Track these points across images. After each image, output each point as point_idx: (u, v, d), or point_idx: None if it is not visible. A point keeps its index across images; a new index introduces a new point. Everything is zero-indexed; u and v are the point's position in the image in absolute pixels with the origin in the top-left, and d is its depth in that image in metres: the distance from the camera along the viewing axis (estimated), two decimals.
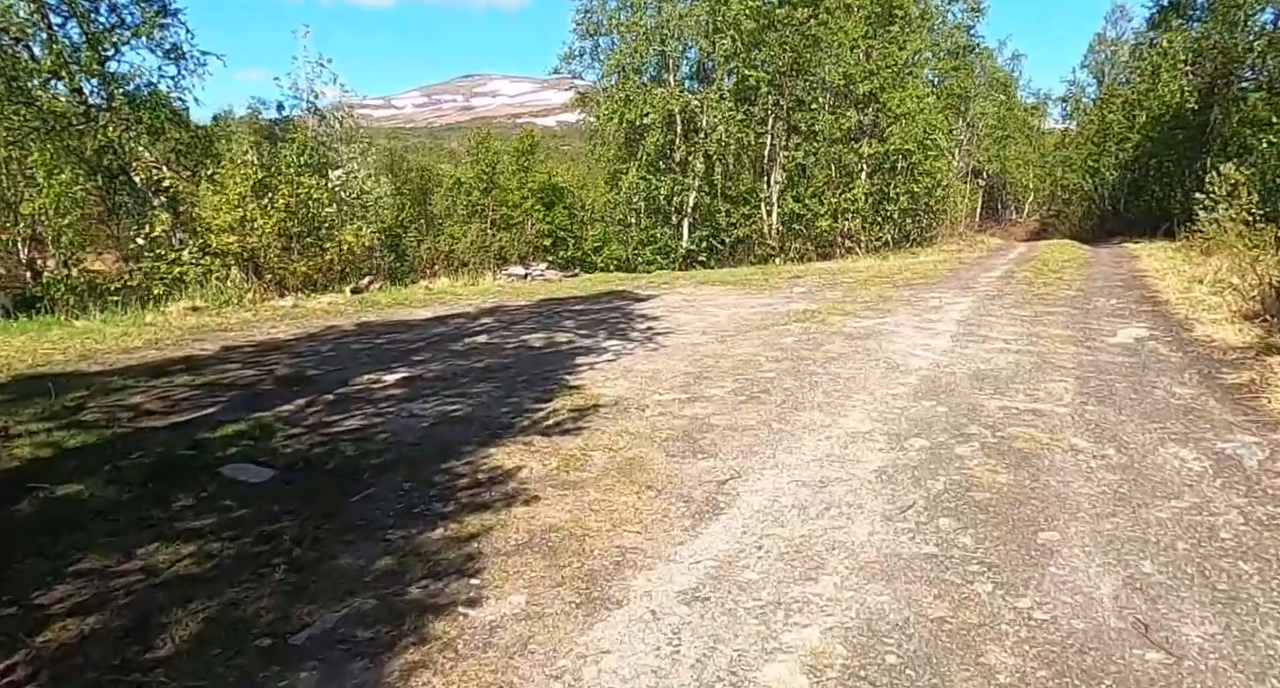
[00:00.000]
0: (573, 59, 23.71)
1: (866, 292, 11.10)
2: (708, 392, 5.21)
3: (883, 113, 19.26)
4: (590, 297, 11.71)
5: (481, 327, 8.44)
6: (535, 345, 7.20)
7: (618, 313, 9.57)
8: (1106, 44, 52.99)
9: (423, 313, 9.64)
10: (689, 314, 9.35)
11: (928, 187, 20.27)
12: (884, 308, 9.19)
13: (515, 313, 9.64)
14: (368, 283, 11.59)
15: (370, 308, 10.03)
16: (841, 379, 5.45)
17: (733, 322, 8.54)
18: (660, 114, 19.91)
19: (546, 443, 4.15)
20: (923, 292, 10.84)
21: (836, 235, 20.60)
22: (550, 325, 8.49)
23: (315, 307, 9.73)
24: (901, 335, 7.19)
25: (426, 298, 11.30)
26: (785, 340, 7.08)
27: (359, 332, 7.97)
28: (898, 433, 4.22)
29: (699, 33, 19.36)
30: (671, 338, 7.52)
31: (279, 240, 11.40)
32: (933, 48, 21.37)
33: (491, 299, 11.41)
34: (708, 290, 12.26)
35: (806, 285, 12.67)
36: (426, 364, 6.27)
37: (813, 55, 19.95)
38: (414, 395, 5.20)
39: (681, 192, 21.15)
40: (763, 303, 10.26)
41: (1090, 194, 43.44)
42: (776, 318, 8.74)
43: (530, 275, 15.13)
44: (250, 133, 15.30)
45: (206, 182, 10.83)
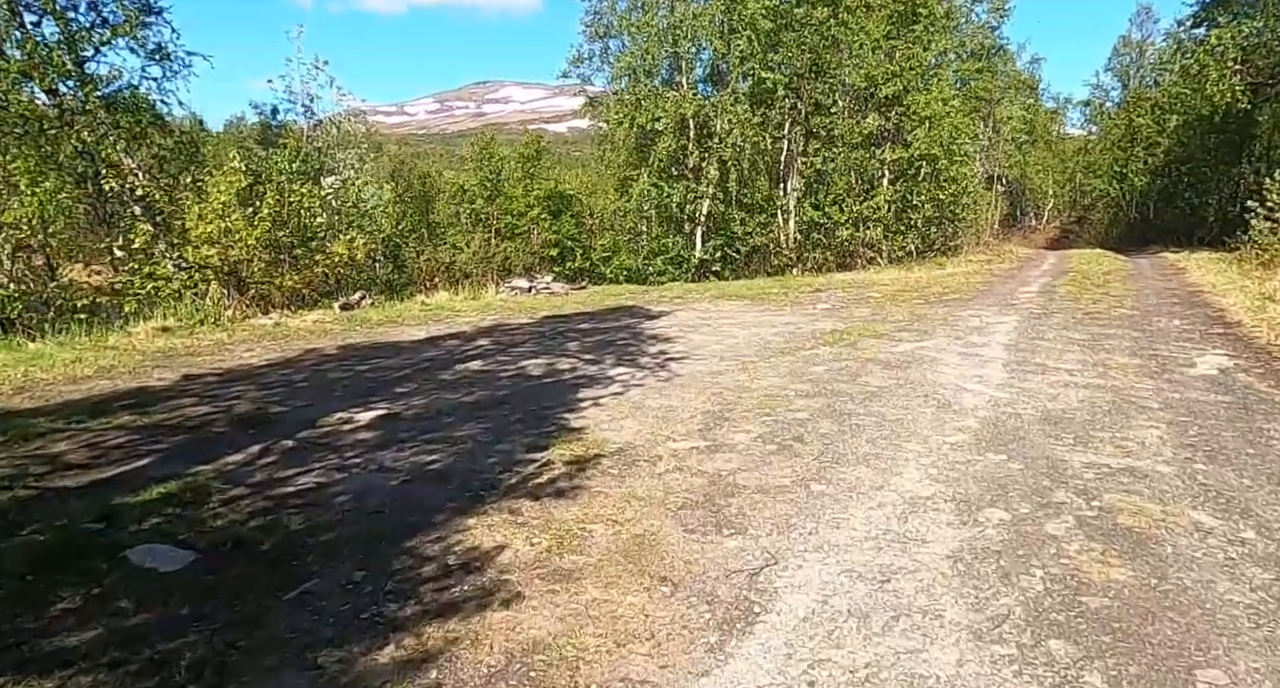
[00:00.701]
0: (581, 62, 23.17)
1: (897, 309, 10.36)
2: (731, 437, 4.50)
3: (906, 116, 18.54)
4: (598, 313, 11.04)
5: (477, 350, 7.77)
6: (534, 374, 6.51)
7: (627, 333, 8.88)
8: (1132, 46, 52.21)
9: (415, 333, 8.99)
10: (705, 334, 8.65)
11: (954, 193, 19.51)
12: (920, 329, 8.45)
13: (515, 333, 8.98)
14: (359, 298, 10.97)
15: (359, 327, 9.39)
16: (887, 422, 4.72)
17: (754, 344, 7.83)
18: (673, 118, 19.27)
19: (537, 511, 3.45)
20: (959, 309, 10.09)
21: (857, 245, 19.85)
22: (552, 348, 7.81)
23: (299, 326, 9.10)
24: (946, 364, 6.46)
25: (422, 315, 10.66)
26: (815, 369, 6.36)
27: (341, 356, 7.32)
28: (966, 498, 3.49)
29: (713, 33, 18.75)
30: (687, 364, 6.82)
31: (265, 253, 10.81)
32: (957, 48, 20.65)
33: (491, 316, 10.76)
34: (724, 306, 11.55)
35: (830, 300, 11.94)
36: (409, 398, 5.60)
37: (832, 56, 19.28)
38: (388, 440, 4.52)
39: (695, 199, 20.48)
40: (785, 321, 9.55)
41: (1118, 201, 42.50)
42: (802, 340, 8.02)
43: (534, 288, 14.49)
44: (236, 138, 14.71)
45: (185, 190, 10.25)
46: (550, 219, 18.03)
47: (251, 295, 9.91)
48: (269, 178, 13.11)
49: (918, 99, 18.22)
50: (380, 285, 14.62)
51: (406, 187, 20.68)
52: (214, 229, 9.91)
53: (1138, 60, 52.34)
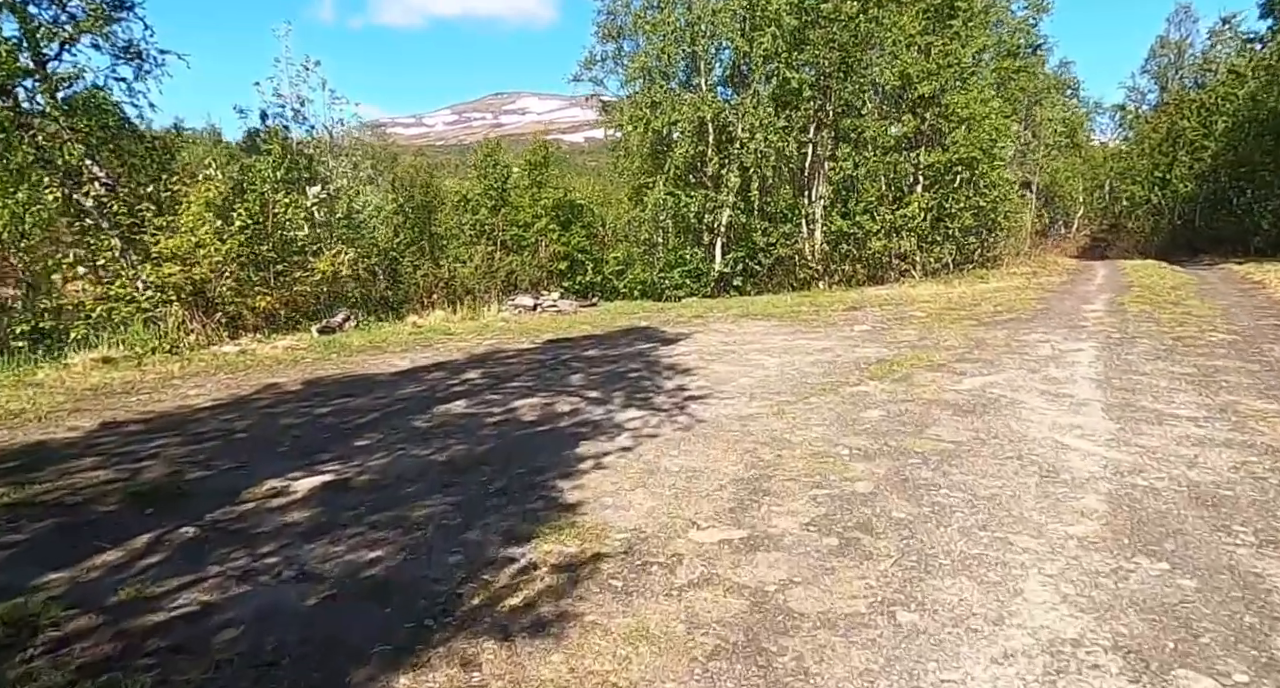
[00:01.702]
0: (593, 65, 22.35)
1: (948, 332, 9.26)
2: (773, 522, 3.45)
3: (944, 117, 17.46)
4: (608, 336, 10.03)
5: (463, 385, 6.77)
6: (526, 419, 5.50)
7: (640, 362, 7.85)
8: (1170, 47, 50.90)
9: (397, 362, 8.01)
10: (730, 364, 7.60)
11: (994, 200, 18.36)
12: (983, 358, 7.34)
13: (511, 362, 7.98)
14: (342, 320, 10.05)
15: (335, 354, 8.44)
16: (980, 500, 3.64)
17: (788, 378, 6.77)
18: (690, 122, 18.32)
19: (502, 661, 2.42)
20: (1021, 332, 8.96)
21: (890, 257, 18.72)
22: (552, 383, 6.79)
23: (267, 354, 8.16)
24: (1030, 407, 5.36)
25: (410, 339, 9.70)
26: (868, 415, 5.29)
27: (302, 395, 6.35)
28: (1137, 648, 2.41)
29: (734, 31, 17.82)
30: (710, 405, 5.78)
31: (238, 269, 9.93)
32: (996, 45, 19.57)
33: (489, 340, 9.78)
34: (750, 328, 10.50)
35: (868, 320, 10.86)
36: (368, 455, 4.60)
37: (863, 54, 18.26)
38: (324, 524, 3.52)
39: (714, 208, 19.48)
40: (820, 347, 8.48)
41: (1160, 207, 41.03)
42: (844, 372, 6.95)
43: (540, 306, 13.52)
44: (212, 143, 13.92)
45: (149, 200, 9.40)
46: (559, 230, 17.09)
47: (219, 318, 9.01)
48: (251, 187, 12.33)
49: (956, 99, 17.14)
50: (374, 303, 13.71)
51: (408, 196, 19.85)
52: (179, 244, 9.03)
53: (1176, 61, 51.04)
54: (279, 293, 10.01)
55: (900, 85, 17.69)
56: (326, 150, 14.97)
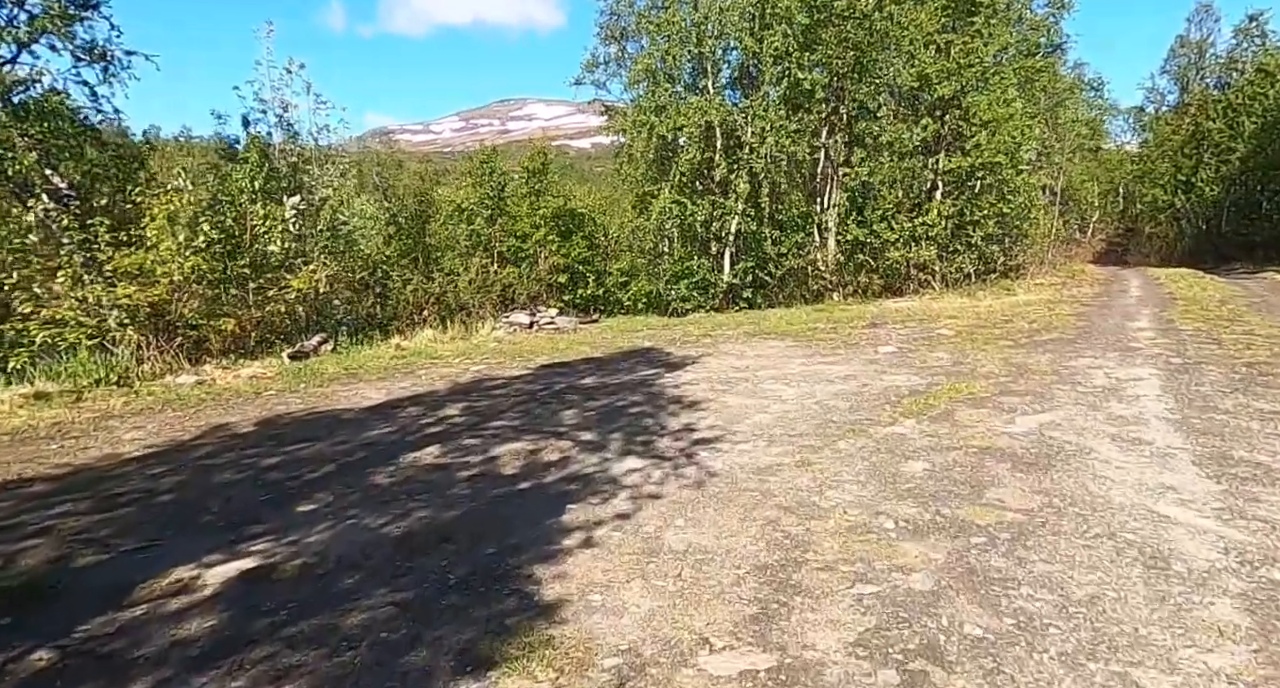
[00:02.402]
0: (596, 67, 21.71)
1: (983, 354, 8.46)
2: (808, 641, 2.68)
3: (965, 120, 16.69)
4: (608, 360, 9.28)
5: (440, 425, 6.01)
6: (507, 473, 4.74)
7: (642, 393, 7.09)
8: (1190, 47, 50.16)
9: (371, 395, 7.26)
10: (744, 395, 6.83)
11: (1019, 206, 17.55)
12: (1029, 389, 6.55)
13: (499, 394, 7.22)
14: (318, 343, 9.32)
15: (305, 384, 7.70)
16: (1075, 607, 2.85)
17: (810, 413, 6.00)
18: (697, 126, 17.60)
19: None
20: (1068, 356, 8.15)
21: (908, 267, 17.91)
22: (541, 422, 6.03)
23: (227, 385, 7.43)
24: (1103, 458, 4.57)
25: (391, 365, 8.96)
26: (910, 469, 4.51)
27: (252, 440, 5.60)
28: None
29: (743, 30, 17.12)
30: (722, 452, 5.01)
31: (206, 288, 9.23)
32: (1018, 43, 18.81)
33: (477, 365, 9.03)
34: (763, 349, 9.73)
35: (893, 340, 10.07)
36: (309, 528, 3.84)
37: (879, 54, 17.52)
38: (227, 642, 2.76)
39: (722, 216, 18.73)
40: (843, 373, 7.70)
41: (1184, 212, 40.12)
42: (873, 406, 6.17)
43: (537, 324, 12.78)
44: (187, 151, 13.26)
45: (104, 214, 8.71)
46: (559, 241, 16.38)
47: (180, 344, 8.29)
48: (226, 198, 11.67)
49: (978, 100, 16.36)
50: (361, 320, 13.00)
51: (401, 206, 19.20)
52: (136, 261, 8.34)
53: (1197, 61, 50.27)
54: (249, 314, 9.29)
55: (918, 86, 16.93)
56: (311, 158, 14.28)
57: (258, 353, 9.38)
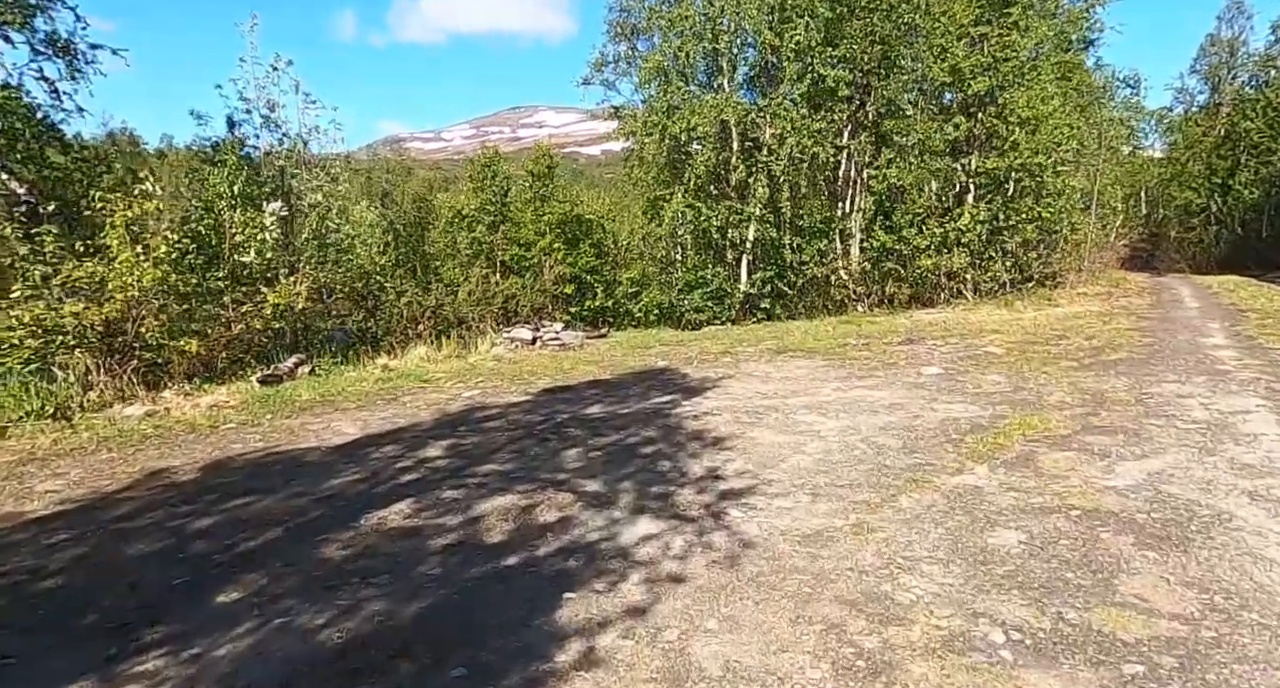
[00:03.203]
0: (604, 66, 20.89)
1: (1047, 378, 7.52)
2: None
3: (1000, 118, 15.77)
4: (617, 384, 8.39)
5: (418, 470, 5.15)
6: (492, 541, 3.87)
7: (656, 427, 6.20)
8: (1221, 45, 49.16)
9: (344, 428, 6.41)
10: (775, 429, 5.94)
11: (1059, 210, 16.58)
12: (1116, 423, 5.61)
13: (491, 428, 6.35)
14: (294, 365, 8.50)
15: (272, 415, 6.86)
16: None
17: (857, 454, 5.10)
18: (712, 125, 16.75)
19: None
20: (1146, 380, 7.19)
21: (939, 275, 16.96)
22: (538, 466, 5.16)
23: (181, 417, 6.60)
24: (1254, 528, 3.65)
25: (373, 390, 8.11)
26: (1002, 541, 3.60)
27: (190, 492, 4.75)
28: None
29: (761, 24, 16.27)
30: (757, 511, 4.13)
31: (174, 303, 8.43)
32: (1056, 37, 17.87)
33: (470, 391, 8.17)
34: (790, 369, 8.82)
35: (935, 359, 9.15)
36: (222, 633, 2.98)
37: (907, 48, 16.64)
38: None
39: (739, 222, 17.85)
40: (887, 402, 6.78)
41: (1221, 215, 38.93)
42: (931, 444, 5.27)
43: (540, 339, 11.93)
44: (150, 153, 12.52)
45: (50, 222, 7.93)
46: (565, 249, 15.55)
47: (135, 367, 7.47)
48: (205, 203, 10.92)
49: (1015, 97, 15.43)
50: (351, 336, 12.20)
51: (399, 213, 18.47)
52: (88, 274, 7.54)
53: (1229, 60, 49.25)
54: (219, 333, 8.49)
55: (950, 82, 16.02)
56: (300, 161, 13.53)
57: (227, 376, 8.57)
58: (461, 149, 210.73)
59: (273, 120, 13.35)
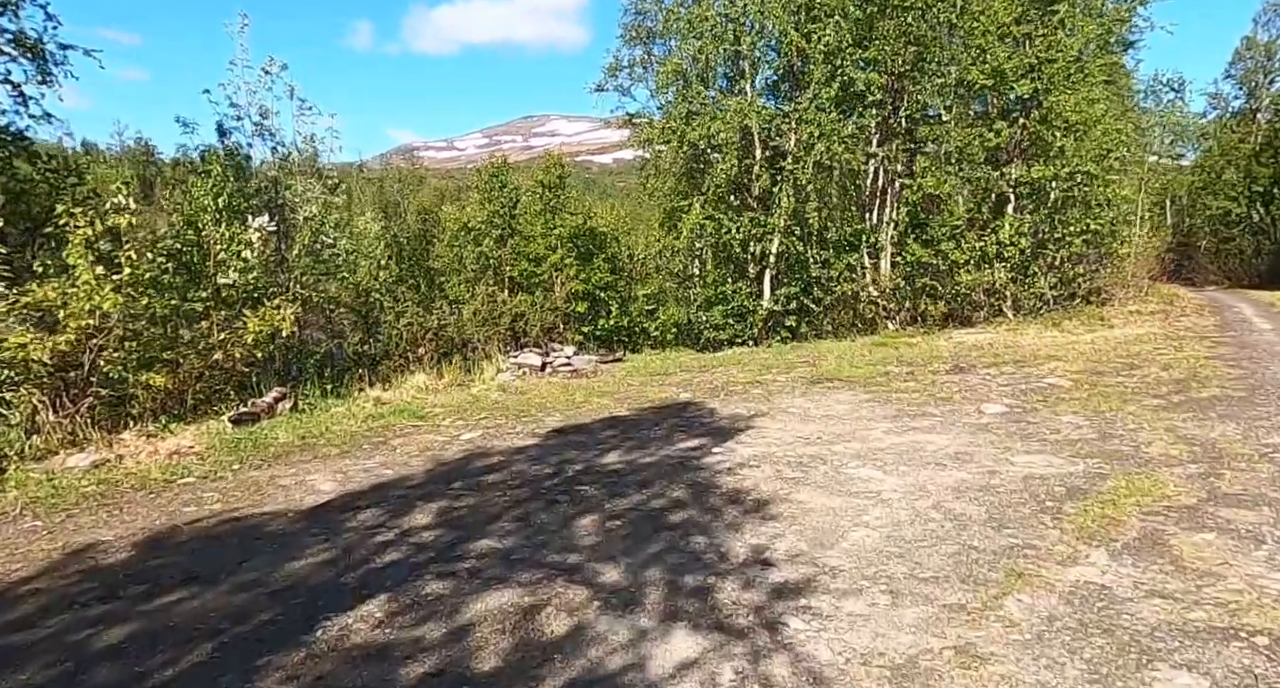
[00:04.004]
0: (619, 71, 20.15)
1: (1135, 420, 6.59)
2: None
3: (1045, 123, 14.87)
4: (636, 422, 7.53)
5: (400, 548, 4.29)
6: (479, 669, 3.00)
7: (685, 486, 5.33)
8: (1258, 49, 48.10)
9: (320, 484, 5.57)
10: (826, 490, 5.06)
11: (1110, 222, 15.61)
12: (1259, 492, 4.68)
13: (492, 484, 5.49)
14: (273, 401, 7.69)
15: (240, 465, 6.03)
16: None
17: (933, 528, 4.22)
18: (735, 131, 15.92)
19: None
20: (1260, 426, 6.24)
21: (979, 292, 16.01)
22: (544, 542, 4.30)
23: (133, 468, 5.80)
24: None
25: (361, 430, 7.29)
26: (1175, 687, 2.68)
27: (113, 579, 3.92)
28: None
29: (787, 24, 15.47)
30: (824, 622, 3.27)
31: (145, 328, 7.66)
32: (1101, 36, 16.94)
33: (472, 429, 7.33)
34: (831, 405, 7.92)
35: (993, 391, 8.24)
36: None
37: (943, 49, 15.79)
38: None
39: (763, 235, 16.98)
40: (951, 449, 5.88)
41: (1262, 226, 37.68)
42: (1023, 515, 4.38)
43: (550, 364, 11.09)
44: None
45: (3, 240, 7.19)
46: (578, 264, 14.75)
47: (92, 405, 6.69)
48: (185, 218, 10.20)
49: (1064, 100, 14.51)
50: (346, 361, 11.43)
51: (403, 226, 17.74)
52: (38, 300, 6.78)
53: (1266, 64, 48.18)
54: (191, 364, 7.70)
55: (992, 85, 15.13)
56: (295, 171, 12.81)
57: (201, 411, 7.78)
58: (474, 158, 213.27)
59: (266, 128, 12.66)
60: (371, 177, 36.92)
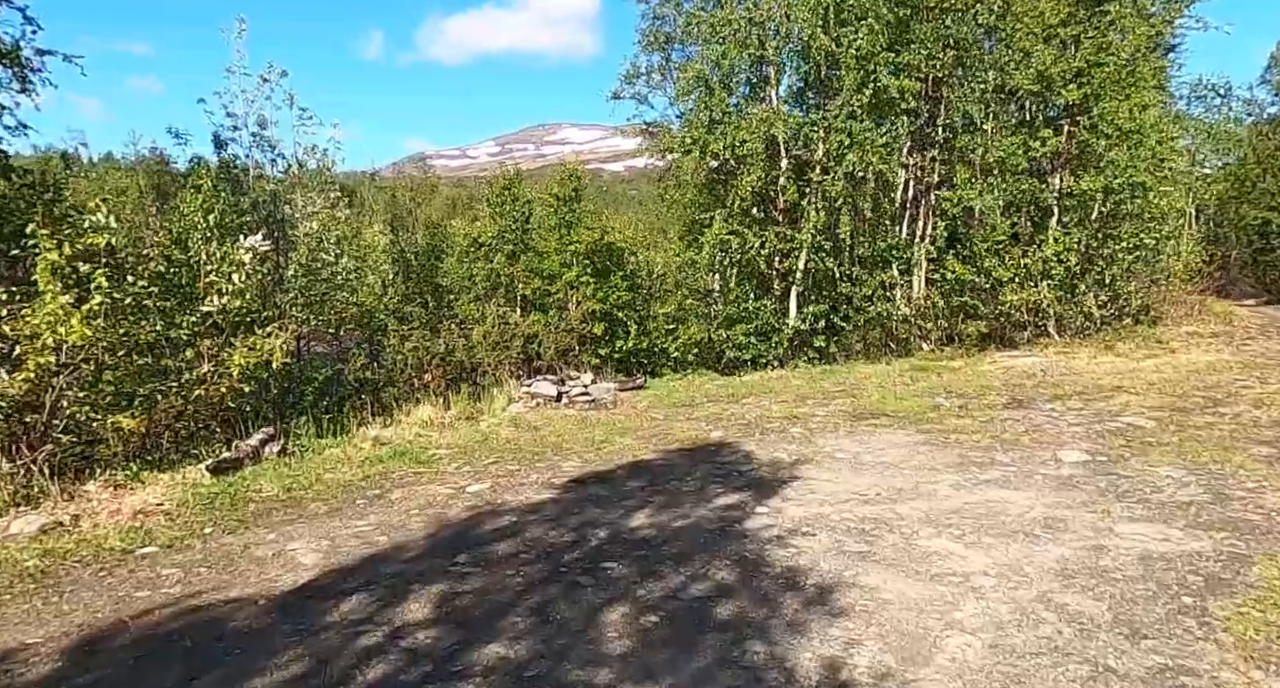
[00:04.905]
0: (636, 78, 19.46)
1: (1245, 473, 5.76)
2: None
3: (1094, 130, 14.03)
4: (665, 470, 6.73)
5: (385, 660, 3.53)
6: None
7: (730, 562, 4.54)
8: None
9: (302, 555, 4.81)
10: (900, 573, 4.27)
11: (1165, 236, 14.73)
12: None
13: (501, 559, 4.71)
14: (260, 443, 6.96)
15: (212, 527, 5.29)
16: None
17: (1046, 638, 3.42)
18: (763, 140, 15.16)
19: None
20: None
21: (1022, 311, 15.12)
22: (565, 650, 3.53)
23: (91, 533, 5.07)
24: None
25: (357, 478, 6.55)
26: None
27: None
28: None
29: (816, 28, 14.73)
30: None
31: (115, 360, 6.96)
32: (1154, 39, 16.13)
33: (480, 478, 6.57)
34: (883, 449, 7.11)
35: (1061, 430, 7.42)
36: None
37: (983, 53, 15.00)
38: None
39: (791, 251, 16.19)
40: (1038, 514, 5.06)
41: None
42: (1159, 621, 3.58)
43: (566, 394, 10.33)
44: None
45: None
46: (594, 282, 14.04)
47: (52, 453, 5.98)
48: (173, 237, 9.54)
49: (1116, 107, 13.66)
50: (348, 388, 10.72)
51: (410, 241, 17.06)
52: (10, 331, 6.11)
53: None
54: (169, 403, 6.99)
55: (1037, 90, 14.31)
56: (295, 185, 12.17)
57: (179, 452, 7.06)
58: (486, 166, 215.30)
59: (264, 139, 12.05)
60: (384, 185, 36.48)
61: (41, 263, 6.58)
